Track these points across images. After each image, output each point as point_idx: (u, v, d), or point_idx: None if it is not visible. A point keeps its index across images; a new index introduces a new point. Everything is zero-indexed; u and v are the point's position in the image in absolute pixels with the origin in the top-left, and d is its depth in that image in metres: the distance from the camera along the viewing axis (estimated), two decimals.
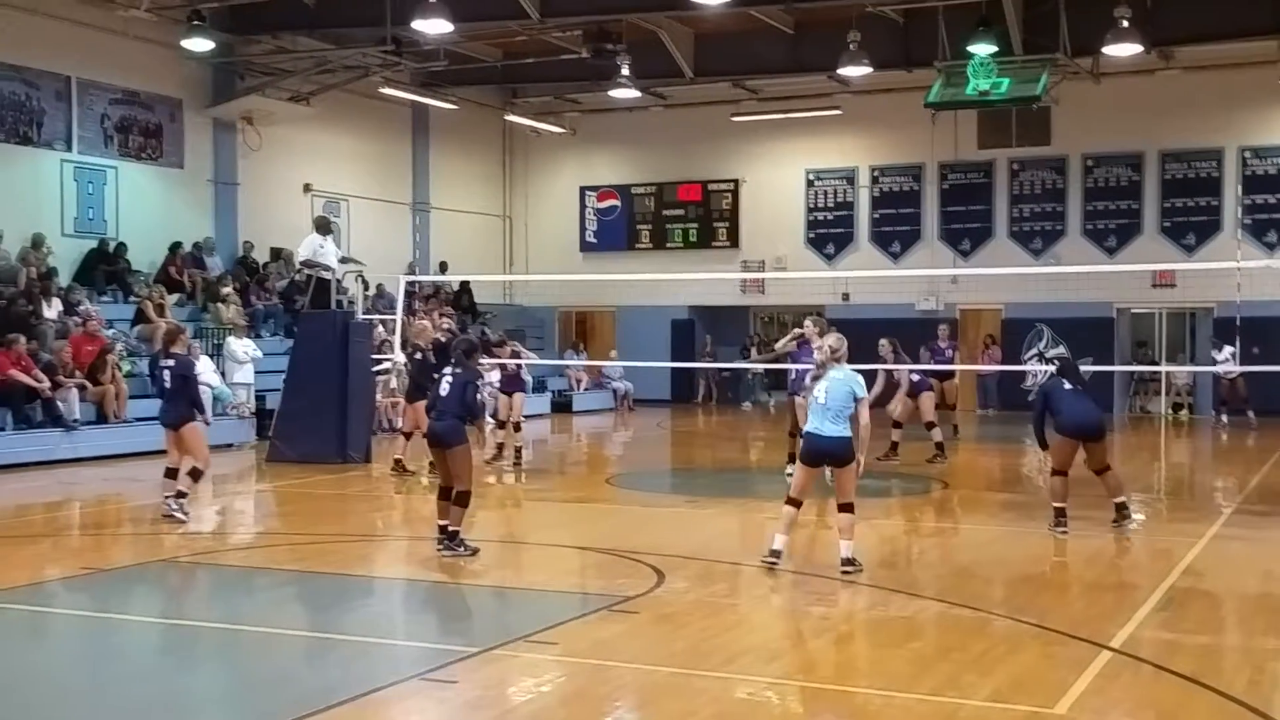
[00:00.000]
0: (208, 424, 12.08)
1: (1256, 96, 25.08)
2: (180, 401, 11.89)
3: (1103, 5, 20.79)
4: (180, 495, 11.72)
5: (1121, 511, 11.15)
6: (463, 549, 9.84)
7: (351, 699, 6.20)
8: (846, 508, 9.28)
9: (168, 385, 11.92)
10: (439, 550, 9.94)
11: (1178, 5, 22.39)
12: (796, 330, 14.92)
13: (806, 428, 9.43)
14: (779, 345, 15.85)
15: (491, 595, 9.04)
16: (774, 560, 9.32)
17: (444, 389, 10.03)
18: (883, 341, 16.07)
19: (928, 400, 16.34)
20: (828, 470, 9.69)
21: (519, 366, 16.82)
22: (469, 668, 6.79)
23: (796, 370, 14.65)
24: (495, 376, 17.31)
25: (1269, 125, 25.51)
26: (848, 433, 9.23)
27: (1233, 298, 18.64)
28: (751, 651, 7.30)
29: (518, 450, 16.24)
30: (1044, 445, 11.37)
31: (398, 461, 15.33)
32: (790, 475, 14.36)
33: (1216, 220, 25.82)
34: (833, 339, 9.59)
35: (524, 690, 6.58)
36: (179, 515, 11.59)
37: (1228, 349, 21.04)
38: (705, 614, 8.15)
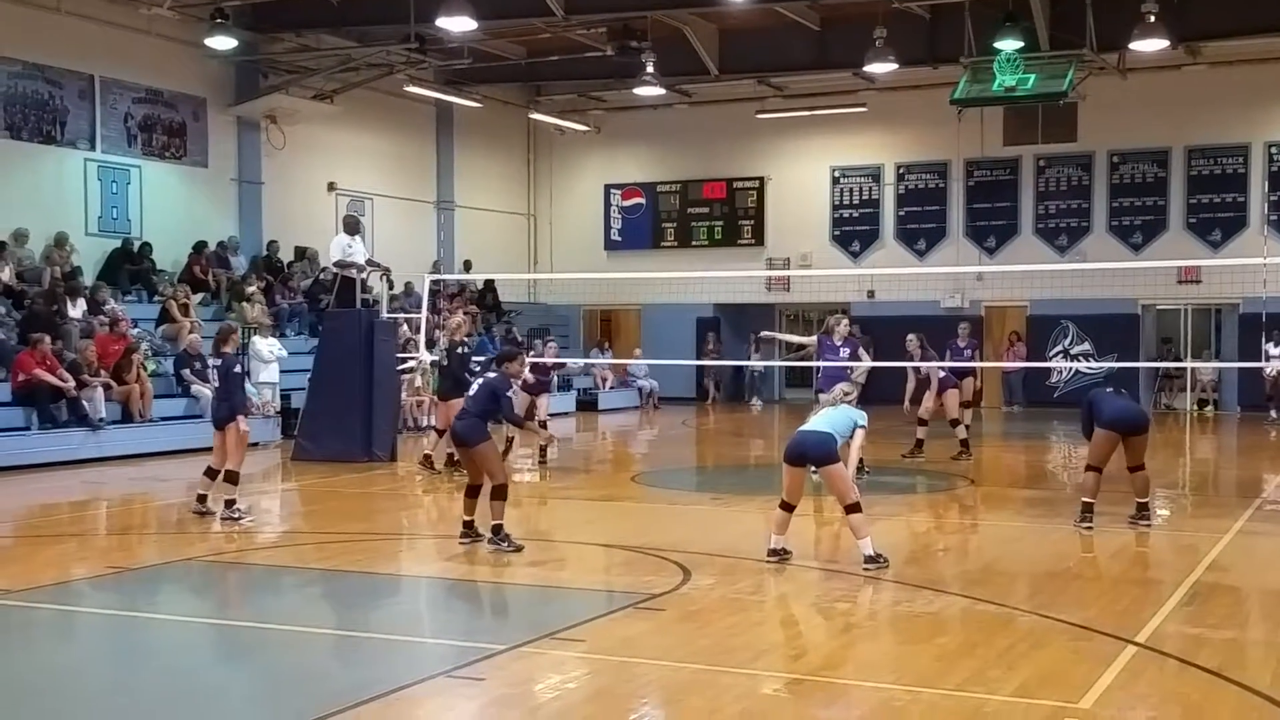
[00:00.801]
0: (241, 430, 11.80)
1: None
2: (222, 401, 11.97)
3: (1130, 0, 20.66)
4: (229, 504, 11.67)
5: (1142, 511, 11.10)
6: (506, 544, 9.84)
7: (379, 696, 6.23)
8: (852, 508, 9.23)
9: (216, 385, 12.16)
10: (461, 543, 10.02)
11: (1205, 0, 22.23)
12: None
13: (804, 426, 9.61)
14: (805, 341, 15.94)
15: (518, 592, 9.07)
16: (775, 558, 9.40)
17: (473, 390, 10.25)
18: (911, 336, 16.09)
19: (953, 398, 16.30)
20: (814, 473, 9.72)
21: (547, 369, 16.85)
22: (496, 665, 6.81)
23: (823, 370, 14.66)
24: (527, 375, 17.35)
25: None
26: (833, 432, 9.28)
27: (1259, 294, 18.50)
28: (777, 648, 7.30)
29: (543, 449, 16.26)
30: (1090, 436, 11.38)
31: (426, 457, 15.41)
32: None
33: (1243, 216, 25.64)
34: (844, 386, 9.90)
35: (551, 687, 6.59)
36: (243, 519, 11.58)
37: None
38: (731, 611, 8.15)
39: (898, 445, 16.57)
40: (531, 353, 17.52)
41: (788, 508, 9.43)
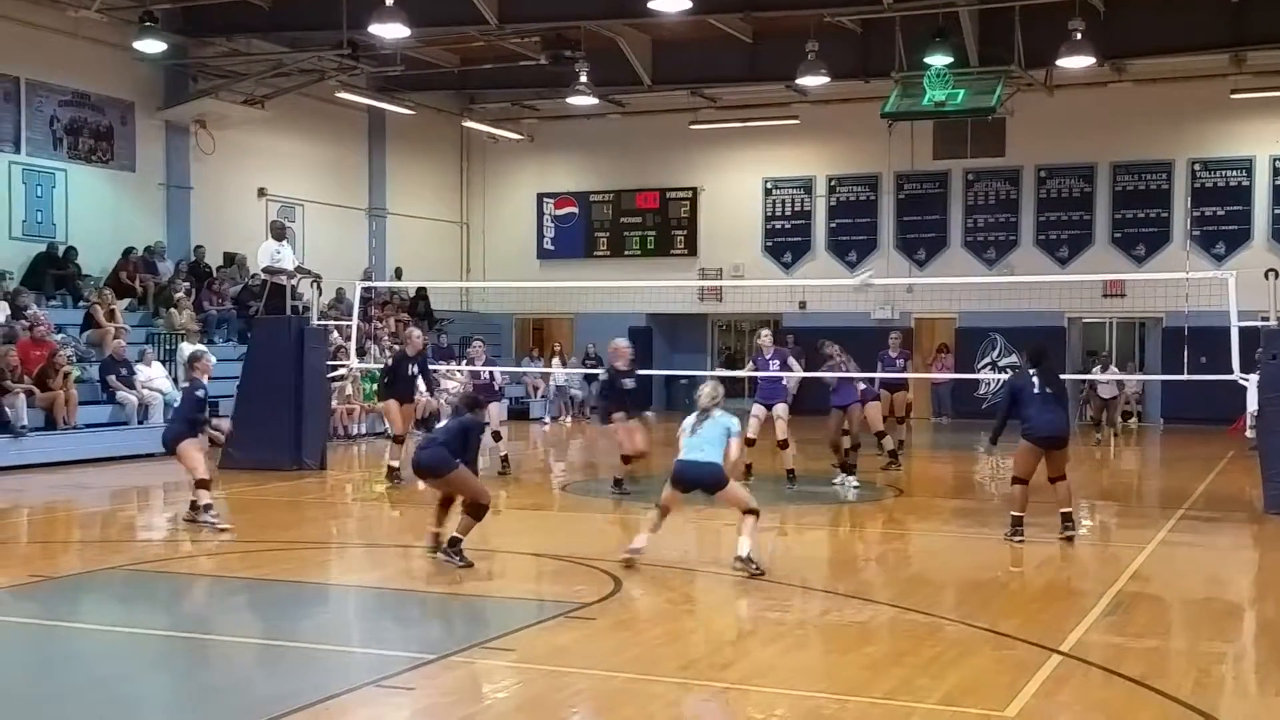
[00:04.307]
0: (203, 443, 12.03)
1: (1206, 110, 25.49)
2: (172, 422, 12.20)
3: (1057, 18, 21.03)
4: (207, 508, 11.61)
5: (1067, 522, 11.05)
6: (458, 559, 9.48)
7: (305, 706, 6.16)
8: (751, 513, 9.43)
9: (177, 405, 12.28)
10: (435, 556, 9.66)
11: (1130, 18, 22.71)
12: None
13: (679, 456, 9.53)
14: (746, 367, 16.29)
15: (448, 602, 9.00)
16: (630, 558, 9.52)
17: (443, 422, 10.18)
18: (830, 343, 15.91)
19: (875, 410, 16.29)
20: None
21: (492, 375, 16.76)
22: (425, 674, 6.76)
23: (839, 380, 14.92)
24: (453, 385, 17.30)
25: (1218, 138, 25.93)
26: (718, 459, 9.35)
27: (1181, 308, 18.90)
28: (707, 657, 7.32)
29: (504, 459, 16.19)
30: (995, 440, 11.47)
31: (392, 469, 15.09)
32: (837, 483, 14.61)
33: (1166, 231, 26.20)
34: (709, 388, 9.68)
35: (480, 697, 6.56)
36: (220, 525, 11.47)
37: None
38: (661, 620, 8.16)
39: (826, 457, 16.63)
40: (465, 361, 17.44)
41: (664, 512, 9.66)
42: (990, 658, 7.29)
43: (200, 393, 12.06)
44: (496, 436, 15.96)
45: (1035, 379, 11.04)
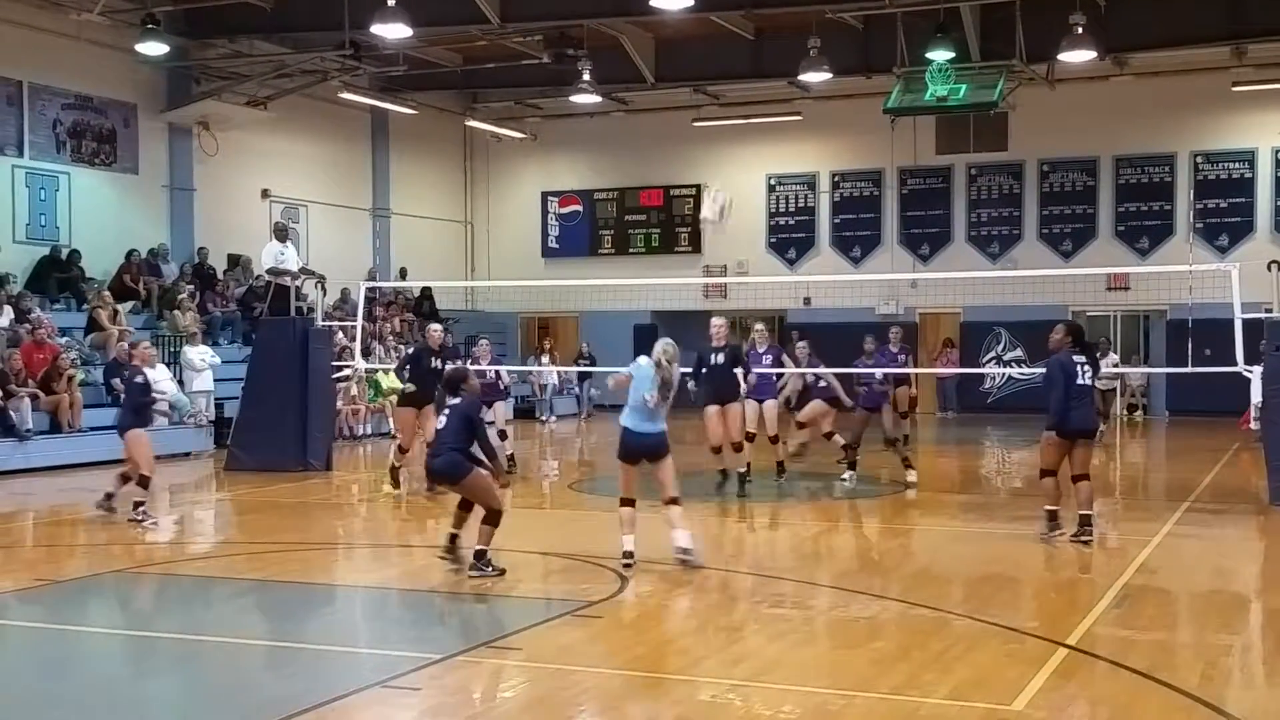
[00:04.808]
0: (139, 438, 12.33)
1: (1208, 102, 25.45)
2: (124, 410, 12.60)
3: (1058, 12, 21.00)
4: (137, 504, 11.96)
5: (1084, 526, 10.55)
6: (489, 569, 9.21)
7: (313, 708, 6.16)
8: (674, 501, 9.50)
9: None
10: (441, 559, 9.46)
11: (1131, 12, 22.68)
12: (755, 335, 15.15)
13: (626, 425, 9.51)
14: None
15: (455, 601, 9.00)
16: (629, 562, 9.38)
17: (442, 421, 9.54)
18: (801, 343, 15.49)
19: (817, 408, 15.77)
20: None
21: (497, 374, 16.72)
22: (432, 675, 6.77)
23: (866, 381, 14.76)
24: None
25: (1220, 130, 25.87)
26: (664, 427, 9.47)
27: (1185, 300, 18.88)
28: (714, 654, 7.32)
29: (510, 458, 16.06)
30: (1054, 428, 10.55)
31: (394, 470, 14.30)
32: (846, 481, 14.43)
33: (1169, 224, 26.16)
34: (663, 345, 9.50)
35: (487, 696, 6.57)
36: (146, 524, 11.83)
37: None
38: (668, 618, 8.16)
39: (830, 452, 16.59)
40: (470, 361, 17.37)
41: (629, 504, 9.58)
42: (997, 652, 7.29)
43: (139, 379, 12.48)
44: (503, 435, 15.94)
45: (1080, 368, 10.52)
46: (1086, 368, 10.60)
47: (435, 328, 15.58)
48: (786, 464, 15.04)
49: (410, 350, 15.30)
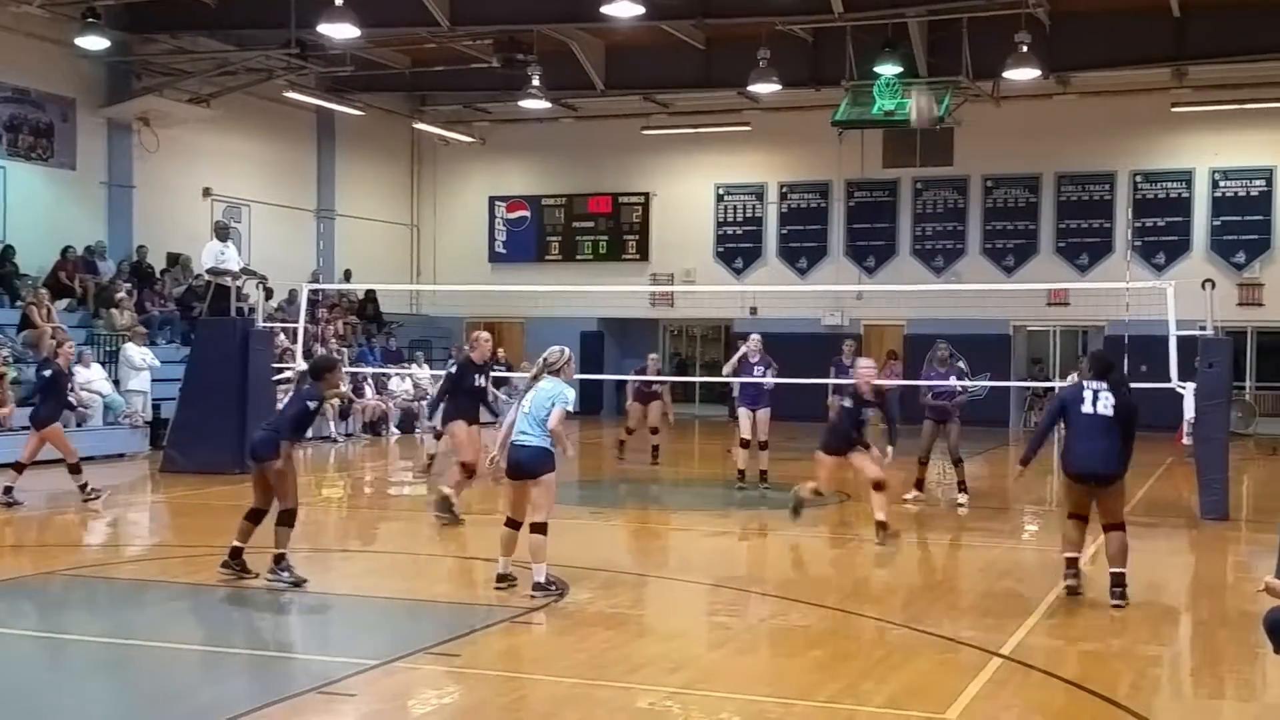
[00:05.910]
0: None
1: (1148, 123, 25.87)
2: (40, 403, 13.37)
3: (1004, 30, 21.29)
4: (82, 488, 12.96)
5: (1116, 587, 8.85)
6: (288, 576, 8.90)
7: (246, 713, 6.09)
8: (539, 528, 8.64)
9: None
10: (222, 573, 9.17)
11: (1075, 32, 23.03)
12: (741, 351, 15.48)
13: (512, 436, 8.70)
14: (725, 369, 16.14)
15: (393, 607, 8.93)
16: (503, 585, 8.84)
17: (284, 401, 9.40)
18: (754, 338, 15.59)
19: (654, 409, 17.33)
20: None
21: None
22: (368, 680, 6.71)
23: (933, 393, 14.99)
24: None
25: (1159, 151, 26.32)
26: (546, 444, 8.62)
27: (1122, 317, 19.19)
28: (654, 662, 7.31)
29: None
30: (1025, 462, 9.66)
31: (445, 498, 12.31)
32: (909, 498, 14.43)
33: (1108, 241, 26.56)
34: (552, 351, 8.88)
35: (424, 702, 6.51)
36: (101, 499, 12.99)
37: None
38: (608, 625, 8.14)
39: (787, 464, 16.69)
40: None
41: (514, 525, 8.83)
42: (933, 661, 7.35)
43: (47, 372, 13.18)
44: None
45: (1089, 394, 8.98)
46: (1104, 394, 8.97)
47: (483, 335, 12.98)
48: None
49: (452, 368, 13.33)
